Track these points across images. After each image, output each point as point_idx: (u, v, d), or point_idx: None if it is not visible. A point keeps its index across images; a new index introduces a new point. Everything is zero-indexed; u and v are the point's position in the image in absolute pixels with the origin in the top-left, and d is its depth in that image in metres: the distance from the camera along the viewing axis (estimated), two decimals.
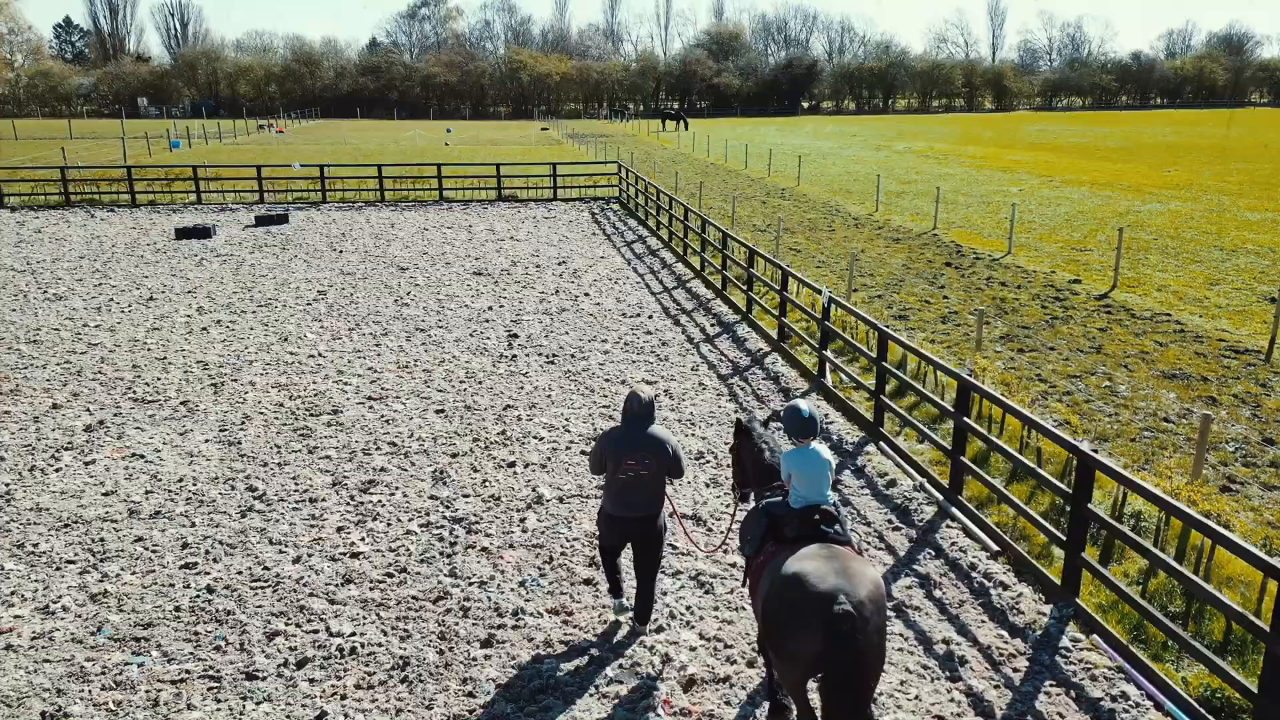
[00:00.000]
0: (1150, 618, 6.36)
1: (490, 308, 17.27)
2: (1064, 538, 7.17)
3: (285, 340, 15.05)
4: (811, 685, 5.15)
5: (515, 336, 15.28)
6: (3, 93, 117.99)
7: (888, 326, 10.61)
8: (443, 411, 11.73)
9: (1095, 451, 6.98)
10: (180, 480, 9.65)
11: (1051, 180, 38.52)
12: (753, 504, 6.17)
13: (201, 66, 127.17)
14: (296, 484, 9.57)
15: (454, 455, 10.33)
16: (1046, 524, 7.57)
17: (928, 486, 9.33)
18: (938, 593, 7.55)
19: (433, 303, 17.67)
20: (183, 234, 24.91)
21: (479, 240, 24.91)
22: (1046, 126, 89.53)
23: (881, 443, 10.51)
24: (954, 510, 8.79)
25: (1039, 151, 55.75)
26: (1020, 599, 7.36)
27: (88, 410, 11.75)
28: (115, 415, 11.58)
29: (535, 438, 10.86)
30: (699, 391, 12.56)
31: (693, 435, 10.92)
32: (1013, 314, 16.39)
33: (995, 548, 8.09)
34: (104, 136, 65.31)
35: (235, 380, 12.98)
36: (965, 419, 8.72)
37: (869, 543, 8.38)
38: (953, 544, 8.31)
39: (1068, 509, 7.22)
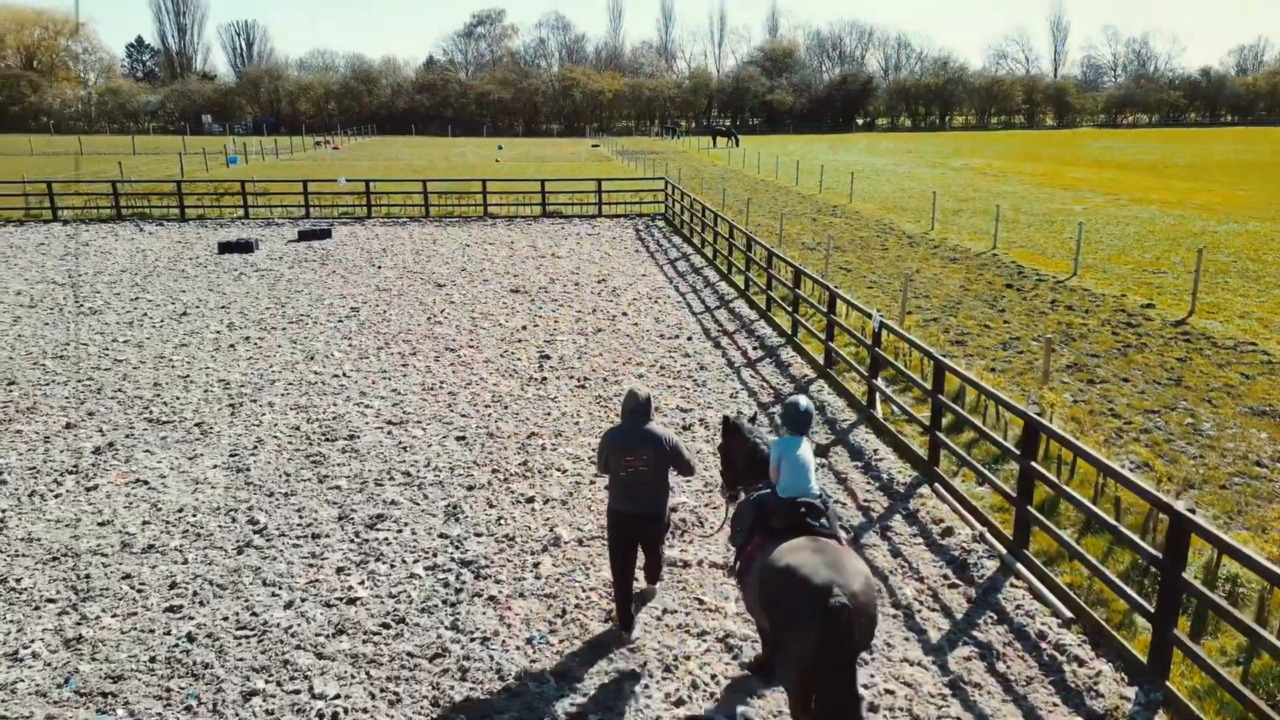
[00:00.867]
0: (1256, 711, 5.36)
1: (524, 327, 16.63)
2: (1151, 609, 6.18)
3: (311, 359, 14.56)
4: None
5: (547, 358, 14.60)
6: (75, 109, 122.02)
7: (945, 355, 9.67)
8: (463, 439, 11.05)
9: (1193, 511, 5.97)
10: (180, 510, 9.10)
11: (1118, 198, 36.85)
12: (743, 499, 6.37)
13: (264, 84, 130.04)
14: (301, 517, 8.95)
15: (470, 488, 9.62)
16: (1129, 590, 6.57)
17: (989, 537, 8.35)
18: (1001, 666, 6.59)
19: (465, 321, 17.09)
20: (225, 248, 24.83)
21: (519, 257, 24.38)
22: (1111, 143, 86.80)
23: (937, 484, 9.54)
24: (1019, 566, 7.81)
25: (1103, 169, 53.75)
26: (1099, 678, 6.37)
27: (100, 431, 11.32)
28: (127, 437, 11.12)
29: (558, 470, 10.11)
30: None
31: None
32: (1081, 341, 15.23)
33: (1068, 614, 7.09)
34: (165, 152, 66.74)
35: (254, 401, 12.49)
36: (1032, 463, 7.74)
37: (922, 601, 7.45)
38: (1018, 606, 7.32)
39: (1153, 571, 6.24)
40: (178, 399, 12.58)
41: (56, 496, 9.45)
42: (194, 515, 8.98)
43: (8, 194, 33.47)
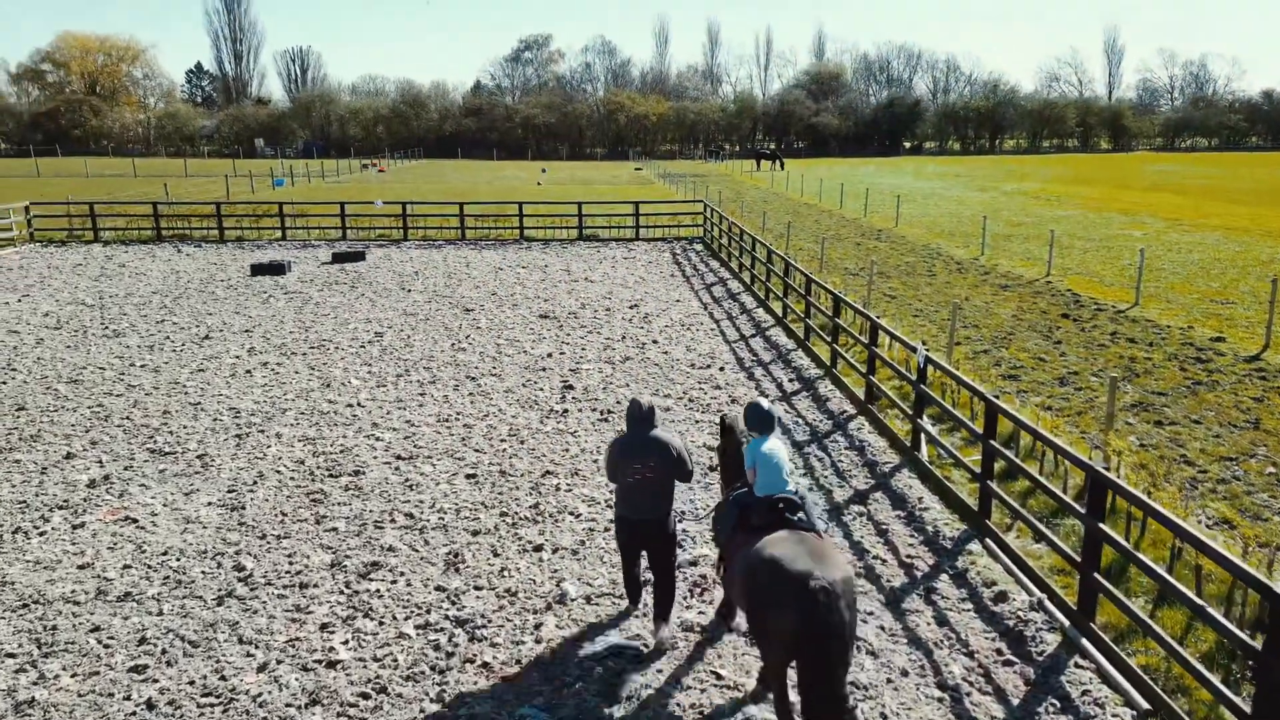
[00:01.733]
0: None
1: (549, 354, 15.95)
2: (1247, 710, 5.21)
3: (328, 386, 14.03)
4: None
5: (570, 388, 13.89)
6: (134, 133, 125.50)
7: (997, 394, 8.75)
8: (474, 476, 10.35)
9: None
10: (165, 553, 8.50)
11: (1179, 224, 35.27)
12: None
13: (315, 109, 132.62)
14: (291, 563, 8.29)
15: (475, 533, 8.90)
16: (1214, 680, 5.60)
17: (1048, 605, 7.38)
18: None
19: (490, 348, 16.47)
20: (258, 270, 24.64)
21: (552, 280, 23.80)
22: (1169, 167, 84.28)
23: (988, 539, 8.59)
24: (1084, 642, 6.83)
25: (1162, 193, 51.89)
26: None
27: (99, 462, 10.84)
28: (126, 469, 10.62)
29: (572, 514, 9.35)
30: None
31: None
32: (1146, 377, 14.10)
33: (1144, 705, 6.11)
34: (215, 175, 67.88)
35: (262, 431, 11.94)
36: (1100, 525, 6.79)
37: (972, 682, 6.52)
38: (1084, 692, 6.36)
39: (1251, 664, 5.27)
40: (184, 428, 12.08)
41: (41, 534, 8.92)
42: (178, 559, 8.38)
43: (53, 215, 33.93)
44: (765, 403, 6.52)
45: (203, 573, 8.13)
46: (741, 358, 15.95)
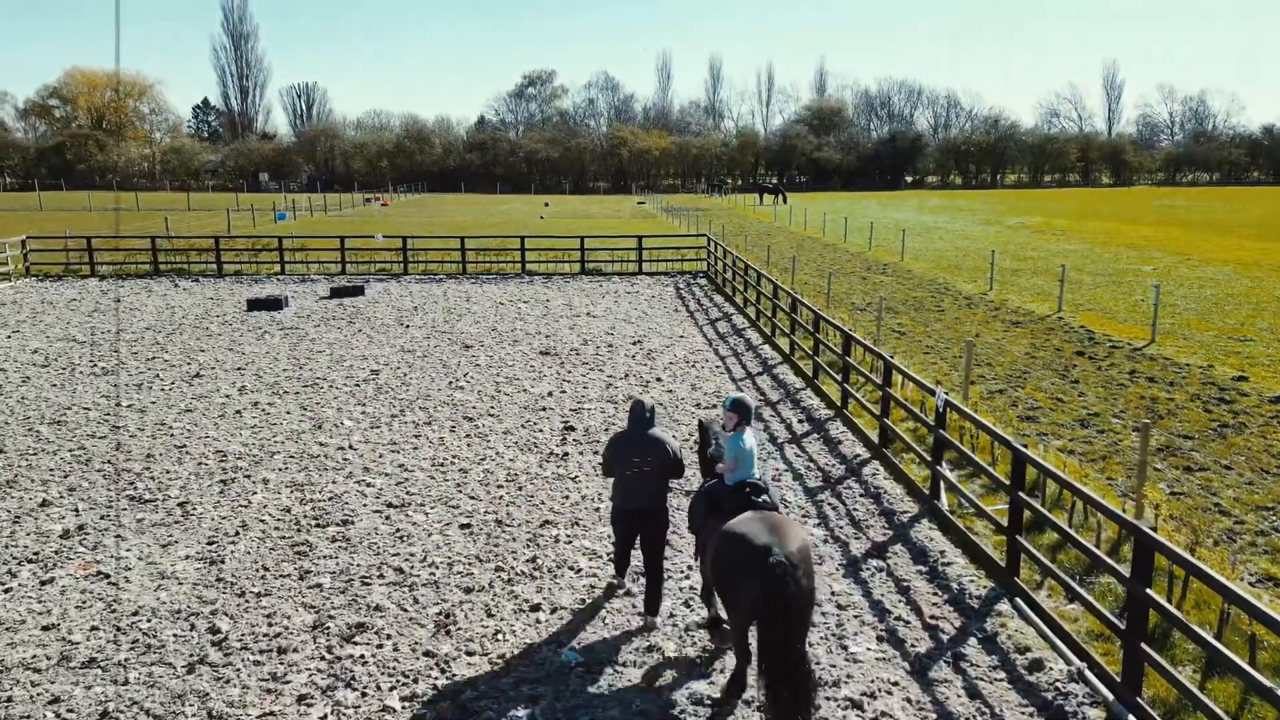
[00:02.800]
0: None
1: (550, 393, 15.45)
2: None
3: (319, 427, 13.51)
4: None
5: (571, 429, 13.37)
6: (140, 167, 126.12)
7: (1024, 444, 8.22)
8: (468, 526, 9.80)
9: None
10: (136, 613, 7.94)
11: (1188, 258, 34.88)
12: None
13: (320, 144, 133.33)
14: (270, 624, 7.72)
15: (468, 590, 8.34)
16: None
17: (1089, 676, 6.79)
18: None
19: (489, 386, 15.97)
20: (254, 305, 24.24)
21: (553, 316, 23.36)
22: (1172, 201, 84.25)
23: (1018, 599, 8.01)
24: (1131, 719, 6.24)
25: (1168, 227, 51.60)
26: None
27: (75, 510, 10.30)
28: (103, 518, 10.08)
29: (572, 569, 8.78)
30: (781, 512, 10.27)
31: None
32: (1170, 419, 13.56)
33: None
34: (218, 209, 67.85)
35: (248, 476, 11.41)
36: (1148, 591, 6.23)
37: None
38: None
39: None
40: (167, 473, 11.55)
41: (6, 591, 8.37)
42: (150, 619, 7.81)
43: (50, 248, 33.64)
44: (746, 396, 7.45)
45: (174, 635, 7.56)
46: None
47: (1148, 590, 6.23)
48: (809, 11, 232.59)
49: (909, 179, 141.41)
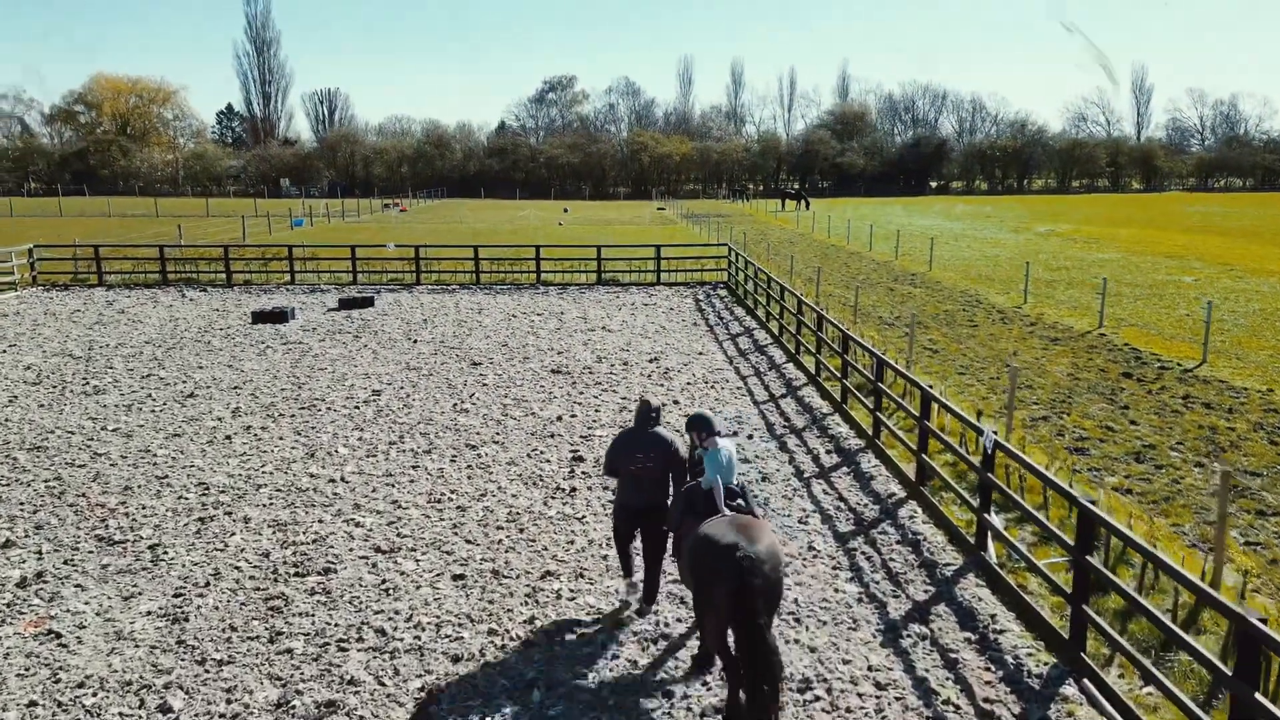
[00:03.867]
0: None
1: (559, 417, 14.50)
2: None
3: (311, 456, 12.64)
4: None
5: (580, 459, 12.41)
6: (162, 173, 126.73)
7: (1094, 501, 7.14)
8: (462, 578, 8.86)
9: None
10: (82, 683, 7.05)
11: (1230, 268, 33.46)
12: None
13: (341, 149, 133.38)
14: (228, 702, 6.80)
15: (456, 659, 7.39)
16: None
17: None
18: None
19: (496, 409, 15.05)
20: (259, 318, 23.48)
21: (567, 330, 22.43)
22: (1206, 207, 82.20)
23: (1086, 680, 6.94)
24: None
25: (1206, 235, 49.99)
26: None
27: (38, 553, 9.45)
28: (66, 563, 9.23)
29: (576, 630, 7.81)
30: (809, 562, 9.26)
31: (796, 643, 7.61)
32: (1232, 452, 12.41)
33: None
34: (236, 215, 67.64)
35: (229, 513, 10.53)
36: (1256, 695, 5.17)
37: None
38: None
39: None
40: (143, 508, 10.70)
41: None
42: (95, 693, 6.92)
43: (58, 257, 33.16)
44: (707, 411, 8.67)
45: (119, 715, 6.65)
46: (772, 423, 14.41)
47: (1257, 695, 5.16)
48: (831, 16, 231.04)
49: (933, 184, 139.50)
